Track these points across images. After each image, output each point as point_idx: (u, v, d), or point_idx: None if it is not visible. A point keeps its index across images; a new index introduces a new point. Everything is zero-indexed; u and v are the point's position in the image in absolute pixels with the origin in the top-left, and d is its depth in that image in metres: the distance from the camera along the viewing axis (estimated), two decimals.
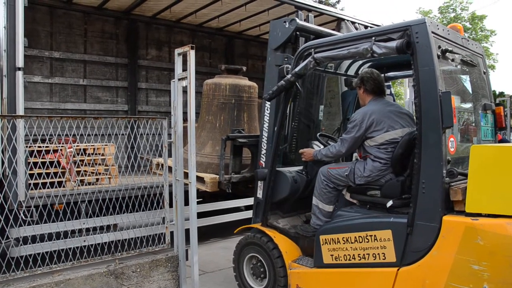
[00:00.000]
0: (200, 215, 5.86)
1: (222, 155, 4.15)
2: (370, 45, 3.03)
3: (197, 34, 8.64)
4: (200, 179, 4.45)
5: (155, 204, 3.82)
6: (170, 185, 3.82)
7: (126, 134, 3.97)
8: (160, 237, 3.82)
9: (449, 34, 3.12)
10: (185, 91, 3.63)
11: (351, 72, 4.76)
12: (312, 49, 3.46)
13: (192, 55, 3.49)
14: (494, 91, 18.47)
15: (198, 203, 6.00)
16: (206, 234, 6.19)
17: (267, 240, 3.77)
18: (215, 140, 4.82)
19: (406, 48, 2.88)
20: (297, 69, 3.49)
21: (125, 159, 4.79)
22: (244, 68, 5.31)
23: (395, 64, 4.34)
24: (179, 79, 3.64)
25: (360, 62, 4.57)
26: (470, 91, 3.46)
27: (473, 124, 3.47)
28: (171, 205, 3.81)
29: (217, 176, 4.34)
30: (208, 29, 8.57)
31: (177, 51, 3.65)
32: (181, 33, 8.43)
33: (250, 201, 6.26)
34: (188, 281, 3.74)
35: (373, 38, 3.05)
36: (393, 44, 2.93)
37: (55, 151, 4.40)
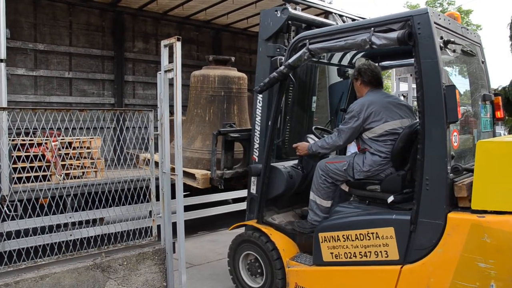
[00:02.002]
0: (188, 208, 5.86)
1: (213, 151, 4.04)
2: (369, 36, 2.93)
3: (184, 26, 8.56)
4: (191, 176, 4.33)
5: (141, 197, 3.79)
6: (157, 178, 3.79)
7: (112, 127, 3.92)
8: (147, 231, 3.80)
9: (449, 24, 3.02)
10: (171, 83, 3.60)
11: (343, 62, 4.68)
12: (307, 40, 3.35)
13: (178, 46, 3.46)
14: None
15: (185, 196, 5.98)
16: (194, 227, 6.20)
17: (263, 238, 3.69)
18: (204, 135, 4.68)
19: (408, 39, 2.78)
20: (290, 60, 3.39)
21: (111, 152, 4.74)
22: (233, 59, 5.15)
23: (389, 53, 4.24)
24: (165, 71, 3.61)
25: (354, 52, 4.47)
26: (470, 82, 3.40)
27: (473, 116, 3.39)
28: (158, 199, 3.79)
29: (209, 172, 4.23)
30: (195, 22, 8.50)
31: (163, 42, 3.62)
32: (168, 26, 8.35)
33: (237, 194, 6.29)
34: (176, 274, 3.74)
35: (372, 28, 2.95)
36: (394, 35, 2.84)
37: (39, 144, 4.34)
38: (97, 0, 7.21)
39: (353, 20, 4.91)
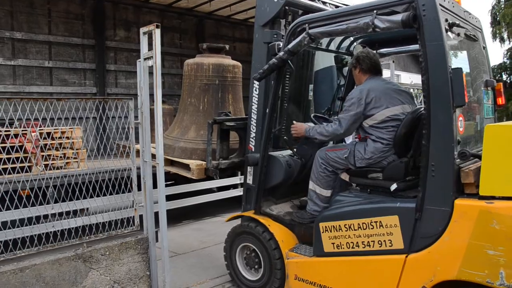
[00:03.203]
0: (172, 197, 5.85)
1: (208, 140, 3.93)
2: (371, 19, 2.84)
3: (167, 14, 8.43)
4: (185, 166, 4.23)
5: (123, 187, 3.76)
6: (139, 168, 3.76)
7: (92, 116, 3.85)
8: (129, 221, 3.77)
9: (453, 6, 2.95)
10: (152, 71, 3.55)
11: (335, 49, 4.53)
12: (306, 24, 3.24)
13: (157, 34, 3.40)
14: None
15: (170, 185, 5.98)
16: (179, 216, 6.20)
17: (262, 229, 3.60)
18: (199, 124, 4.56)
19: (412, 21, 2.69)
20: (290, 46, 3.28)
21: (91, 142, 4.67)
22: (227, 47, 4.97)
23: (388, 40, 4.15)
24: (144, 59, 3.56)
25: (352, 38, 4.39)
26: (473, 67, 3.32)
27: (476, 102, 3.30)
28: (140, 188, 3.75)
29: (204, 162, 4.12)
30: (178, 9, 8.37)
31: (142, 30, 3.55)
32: (149, 14, 8.22)
33: (222, 182, 6.30)
34: (159, 263, 3.73)
35: (375, 11, 2.85)
36: (398, 17, 2.75)
37: (18, 135, 4.26)
38: None
39: (337, 7, 4.86)
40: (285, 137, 3.82)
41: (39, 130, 4.12)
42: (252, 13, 8.68)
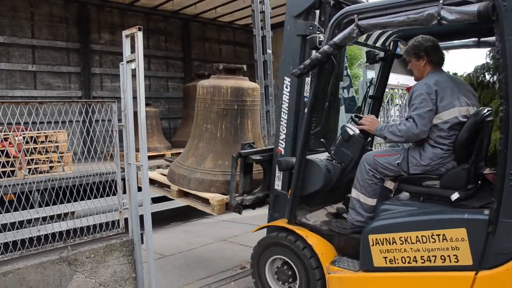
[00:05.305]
0: (159, 199, 5.85)
1: (233, 175, 3.65)
2: (437, 10, 2.52)
3: (152, 17, 8.44)
4: (204, 200, 3.99)
5: (107, 190, 3.76)
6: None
7: (75, 120, 3.83)
8: (114, 223, 3.78)
9: None
10: (135, 74, 3.56)
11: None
12: (355, 15, 2.95)
13: (139, 36, 3.43)
14: (447, 71, 18.97)
15: None
16: (167, 218, 6.20)
17: (296, 239, 3.28)
18: (216, 153, 4.18)
19: (491, 12, 2.39)
20: (336, 38, 2.98)
21: (74, 145, 4.65)
22: (245, 67, 4.50)
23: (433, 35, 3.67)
24: (127, 62, 3.58)
25: (389, 32, 3.99)
26: None
27: None
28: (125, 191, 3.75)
29: (225, 197, 3.85)
30: (163, 12, 8.40)
31: (125, 33, 3.59)
32: (134, 17, 8.21)
33: None
34: (145, 265, 3.74)
35: (440, 1, 2.54)
36: (473, 8, 2.44)
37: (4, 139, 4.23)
38: None
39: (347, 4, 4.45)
40: (322, 139, 3.46)
41: (23, 134, 4.10)
42: (237, 16, 8.80)
